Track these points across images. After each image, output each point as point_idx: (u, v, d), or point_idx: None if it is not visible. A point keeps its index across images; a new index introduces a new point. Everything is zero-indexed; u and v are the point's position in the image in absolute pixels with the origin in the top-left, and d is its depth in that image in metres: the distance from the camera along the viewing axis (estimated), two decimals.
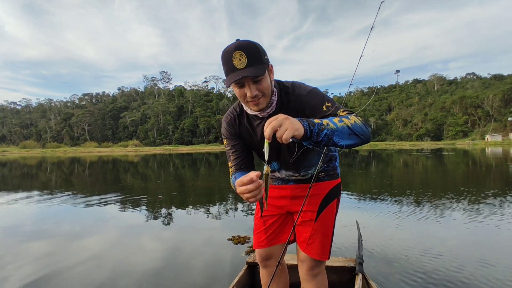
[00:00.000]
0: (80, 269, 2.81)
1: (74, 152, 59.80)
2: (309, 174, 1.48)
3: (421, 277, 2.46)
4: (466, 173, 10.55)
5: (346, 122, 1.03)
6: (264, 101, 1.19)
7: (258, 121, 1.33)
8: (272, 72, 1.23)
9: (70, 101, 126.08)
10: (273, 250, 1.55)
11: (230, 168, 1.39)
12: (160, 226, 4.27)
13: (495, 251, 3.04)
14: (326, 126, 0.98)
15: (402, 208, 4.95)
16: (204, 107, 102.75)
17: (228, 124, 1.40)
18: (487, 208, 4.79)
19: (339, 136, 1.00)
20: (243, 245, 3.37)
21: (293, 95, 1.27)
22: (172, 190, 7.88)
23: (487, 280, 2.39)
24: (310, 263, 1.47)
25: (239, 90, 1.15)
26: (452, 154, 22.83)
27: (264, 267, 1.60)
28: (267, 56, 1.16)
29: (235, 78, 1.07)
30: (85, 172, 14.87)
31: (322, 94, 1.26)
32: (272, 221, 1.55)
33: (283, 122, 0.90)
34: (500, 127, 65.72)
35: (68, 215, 5.11)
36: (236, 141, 1.39)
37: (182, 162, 20.90)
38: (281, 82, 1.32)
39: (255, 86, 1.13)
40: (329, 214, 1.48)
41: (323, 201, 1.47)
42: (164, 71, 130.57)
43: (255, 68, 1.08)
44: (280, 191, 1.55)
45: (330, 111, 1.18)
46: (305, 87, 1.28)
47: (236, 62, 1.07)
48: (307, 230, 1.46)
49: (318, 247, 1.44)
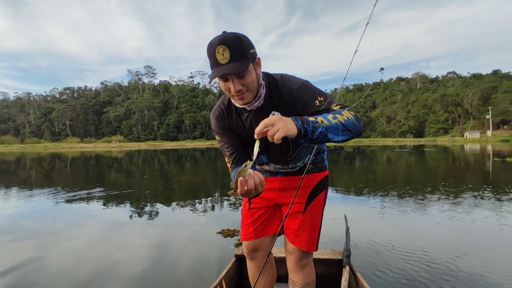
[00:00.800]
0: (61, 267, 2.73)
1: (55, 148, 57.94)
2: (298, 167, 1.48)
3: (405, 268, 2.54)
4: (447, 169, 10.89)
5: (340, 118, 1.04)
6: (249, 96, 1.17)
7: (246, 114, 1.31)
8: (260, 65, 1.20)
9: (50, 95, 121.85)
10: (260, 242, 1.54)
11: (227, 163, 1.36)
12: (147, 222, 4.21)
13: (471, 241, 3.18)
14: (321, 123, 1.00)
15: (387, 202, 5.07)
16: (189, 102, 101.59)
17: (217, 119, 1.37)
18: (466, 202, 4.96)
19: (333, 132, 1.01)
20: (232, 238, 3.40)
21: (283, 88, 1.25)
22: (158, 185, 7.78)
23: (467, 268, 2.50)
24: (298, 255, 1.47)
25: (224, 84, 1.13)
26: (434, 151, 23.50)
27: (251, 259, 1.59)
28: (253, 49, 1.13)
29: (217, 74, 1.06)
30: (67, 168, 14.47)
31: (314, 87, 1.24)
32: (260, 213, 1.55)
33: (275, 122, 0.91)
34: (478, 124, 68.09)
35: (48, 212, 4.96)
36: (228, 136, 1.36)
37: (168, 158, 20.65)
38: (270, 75, 1.29)
39: (239, 81, 1.10)
40: (317, 206, 1.49)
41: (311, 193, 1.47)
42: (149, 66, 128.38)
43: (237, 64, 1.05)
44: (268, 183, 1.53)
45: (323, 105, 1.17)
46: (296, 80, 1.26)
47: (219, 56, 1.05)
48: (295, 222, 1.46)
49: (306, 238, 1.45)
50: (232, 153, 1.34)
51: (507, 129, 61.08)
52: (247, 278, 2.18)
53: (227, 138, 1.36)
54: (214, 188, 7.25)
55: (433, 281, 2.33)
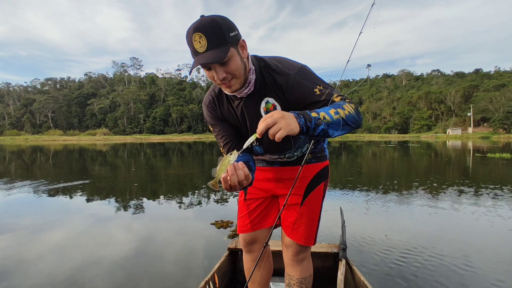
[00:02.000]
0: (44, 262, 2.63)
1: (36, 140, 56.14)
2: (295, 156, 1.41)
3: (402, 261, 2.56)
4: (434, 164, 11.15)
5: (341, 113, 1.00)
6: (237, 82, 1.09)
7: (237, 101, 1.23)
8: (245, 48, 1.09)
9: (31, 86, 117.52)
10: (257, 234, 1.49)
11: (223, 153, 1.30)
12: (137, 216, 4.11)
13: (466, 232, 3.26)
14: (323, 120, 0.95)
15: (379, 195, 5.14)
16: (177, 95, 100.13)
17: (209, 108, 1.30)
18: (454, 194, 5.08)
19: (333, 128, 0.98)
20: (226, 229, 3.40)
21: (277, 73, 1.15)
22: (148, 179, 7.64)
23: (464, 260, 2.54)
24: (295, 249, 1.43)
25: (208, 72, 1.06)
26: (418, 146, 24.04)
27: (248, 252, 1.54)
28: (235, 32, 1.02)
29: (195, 65, 0.99)
30: (49, 161, 14.04)
31: (313, 74, 1.15)
32: (256, 205, 1.49)
33: (278, 121, 0.87)
34: (460, 121, 70.07)
35: (30, 206, 4.79)
36: (222, 125, 1.30)
37: (154, 152, 20.32)
38: (262, 59, 1.19)
39: (222, 69, 1.02)
40: (316, 197, 1.43)
41: (309, 184, 1.41)
42: (134, 57, 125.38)
43: (216, 51, 0.97)
44: (265, 173, 1.48)
45: (324, 95, 1.09)
46: (293, 64, 1.16)
47: (196, 45, 0.97)
48: (292, 214, 1.41)
49: (303, 232, 1.39)
50: (226, 142, 1.28)
51: (486, 127, 63.09)
52: (240, 272, 2.16)
53: (220, 128, 1.30)
54: (205, 180, 7.17)
55: (430, 274, 2.35)
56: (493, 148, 19.39)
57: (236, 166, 0.95)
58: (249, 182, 0.98)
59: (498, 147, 20.80)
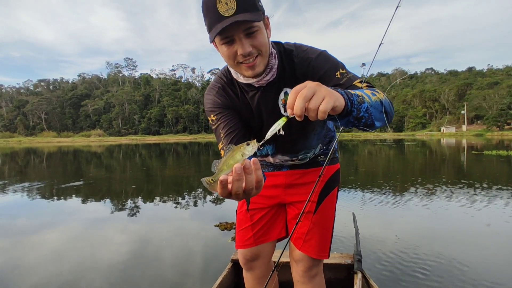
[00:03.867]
0: (39, 266, 2.52)
1: (30, 142, 55.42)
2: (308, 158, 1.26)
3: (426, 274, 2.28)
4: (431, 163, 11.17)
5: (378, 96, 0.81)
6: (261, 62, 0.92)
7: (252, 92, 1.05)
8: (269, 27, 0.95)
9: (24, 87, 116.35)
10: (260, 249, 1.30)
11: (221, 150, 1.04)
12: (137, 218, 4.01)
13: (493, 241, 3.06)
14: (363, 98, 0.76)
15: (389, 197, 4.98)
16: (171, 96, 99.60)
17: (217, 94, 1.08)
18: (466, 194, 5.03)
19: (374, 111, 0.78)
20: (230, 231, 3.34)
21: (298, 58, 1.01)
22: (147, 180, 7.53)
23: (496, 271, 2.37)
24: (307, 263, 1.24)
25: (227, 48, 0.87)
26: (413, 144, 24.12)
27: (249, 269, 1.34)
28: (262, 3, 0.89)
29: (222, 27, 0.80)
30: (43, 163, 13.82)
31: (335, 58, 1.01)
32: (261, 215, 1.30)
33: (317, 89, 0.64)
34: (454, 119, 70.70)
35: (24, 208, 4.66)
36: (228, 114, 1.05)
37: (150, 153, 20.15)
38: (281, 44, 1.05)
39: (249, 41, 0.85)
40: (330, 204, 1.28)
41: (323, 190, 1.25)
42: (129, 58, 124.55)
43: (248, 14, 0.80)
44: (272, 178, 1.29)
45: (345, 79, 0.93)
46: (314, 49, 1.02)
47: (221, 8, 0.79)
48: (305, 224, 1.23)
49: (316, 243, 1.22)
50: (230, 133, 1.02)
51: (480, 124, 63.72)
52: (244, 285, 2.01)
53: (225, 116, 1.05)
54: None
55: (460, 285, 2.11)
56: (488, 146, 19.53)
57: (248, 166, 0.62)
58: (259, 191, 0.67)
59: (492, 145, 20.97)
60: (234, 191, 0.63)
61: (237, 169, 0.61)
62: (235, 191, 0.63)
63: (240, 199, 0.66)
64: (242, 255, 1.33)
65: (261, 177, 0.65)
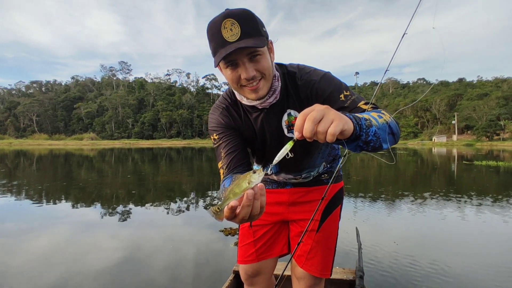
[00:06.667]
0: (28, 271, 2.49)
1: (21, 145, 54.61)
2: (311, 176, 1.28)
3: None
4: (424, 172, 11.32)
5: (384, 118, 0.82)
6: (265, 86, 0.94)
7: (256, 114, 1.07)
8: (273, 51, 0.97)
9: (15, 89, 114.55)
10: (262, 265, 1.31)
11: (220, 169, 1.05)
12: (144, 223, 3.99)
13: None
14: (371, 121, 0.76)
15: (383, 205, 5.05)
16: (166, 100, 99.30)
17: (221, 115, 1.10)
18: (469, 206, 5.11)
19: (381, 134, 0.78)
20: (234, 236, 3.40)
21: (302, 81, 1.02)
22: (147, 185, 7.49)
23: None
24: (309, 282, 1.25)
25: (231, 72, 0.89)
26: (405, 153, 24.45)
27: (250, 285, 1.36)
28: (265, 29, 0.91)
29: (226, 53, 0.82)
30: (32, 166, 13.62)
31: (338, 80, 1.01)
32: (264, 232, 1.31)
33: (326, 112, 0.64)
34: (445, 129, 71.94)
35: (12, 212, 4.61)
36: (230, 134, 1.08)
37: (143, 157, 20.00)
38: (285, 66, 1.07)
39: (252, 65, 0.88)
40: (333, 223, 1.29)
41: (326, 208, 1.27)
42: (123, 61, 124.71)
43: (251, 40, 0.83)
44: (276, 196, 1.32)
45: (349, 101, 0.94)
46: (317, 71, 1.03)
47: (226, 33, 0.82)
48: (307, 242, 1.25)
49: (319, 262, 1.24)
50: (229, 153, 1.04)
51: (470, 134, 64.84)
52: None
53: (228, 137, 1.07)
54: (207, 185, 7.07)
55: None
56: (478, 156, 19.89)
57: (256, 192, 0.66)
58: (260, 216, 0.71)
59: (482, 154, 21.38)
60: (241, 216, 0.66)
61: (249, 195, 0.64)
62: (242, 216, 0.66)
63: (244, 222, 0.69)
64: (243, 270, 1.34)
65: (264, 202, 0.68)
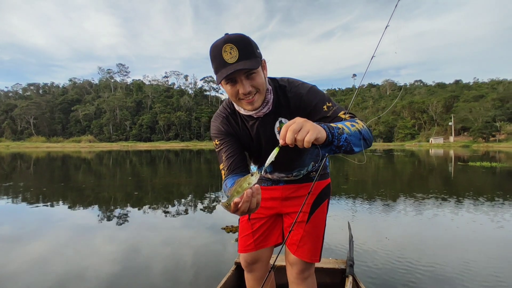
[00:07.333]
0: (25, 275, 2.54)
1: (19, 147, 54.27)
2: (301, 174, 1.45)
3: (411, 278, 2.42)
4: (421, 173, 11.43)
5: (357, 126, 0.98)
6: (259, 99, 1.11)
7: (252, 122, 1.24)
8: (266, 68, 1.14)
9: (12, 91, 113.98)
10: (260, 253, 1.49)
11: (222, 170, 1.24)
12: (154, 221, 4.07)
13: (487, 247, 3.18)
14: (343, 129, 0.92)
15: (382, 206, 5.13)
16: (164, 103, 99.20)
17: (222, 123, 1.28)
18: (466, 205, 5.23)
19: (353, 140, 0.94)
20: (235, 233, 3.51)
21: (291, 93, 1.19)
22: (150, 186, 7.55)
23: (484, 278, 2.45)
24: (300, 266, 1.43)
25: (231, 87, 1.06)
26: (402, 155, 24.61)
27: (250, 271, 1.53)
28: (259, 50, 1.08)
29: (227, 73, 0.98)
30: (30, 169, 13.64)
31: (323, 93, 1.19)
32: (260, 224, 1.49)
33: (303, 124, 0.82)
34: (442, 130, 72.35)
35: (8, 216, 4.66)
36: (230, 140, 1.26)
37: (141, 159, 20.03)
38: (276, 79, 1.23)
39: (249, 82, 1.05)
40: (321, 215, 1.46)
41: (314, 202, 1.44)
42: (121, 64, 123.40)
43: (248, 62, 1.00)
44: (270, 192, 1.49)
45: (331, 111, 1.12)
46: (304, 85, 1.21)
47: (226, 56, 0.99)
48: (298, 232, 1.42)
49: (309, 249, 1.41)
50: (229, 157, 1.22)
51: (467, 136, 65.23)
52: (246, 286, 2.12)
53: (227, 143, 1.25)
54: (207, 186, 7.15)
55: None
56: (474, 157, 20.09)
57: (254, 190, 0.87)
58: (257, 209, 0.92)
59: (478, 156, 21.59)
60: (242, 210, 0.86)
61: (248, 194, 0.85)
62: (242, 210, 0.86)
63: (244, 214, 0.90)
64: (243, 258, 1.51)
65: (260, 199, 0.89)
